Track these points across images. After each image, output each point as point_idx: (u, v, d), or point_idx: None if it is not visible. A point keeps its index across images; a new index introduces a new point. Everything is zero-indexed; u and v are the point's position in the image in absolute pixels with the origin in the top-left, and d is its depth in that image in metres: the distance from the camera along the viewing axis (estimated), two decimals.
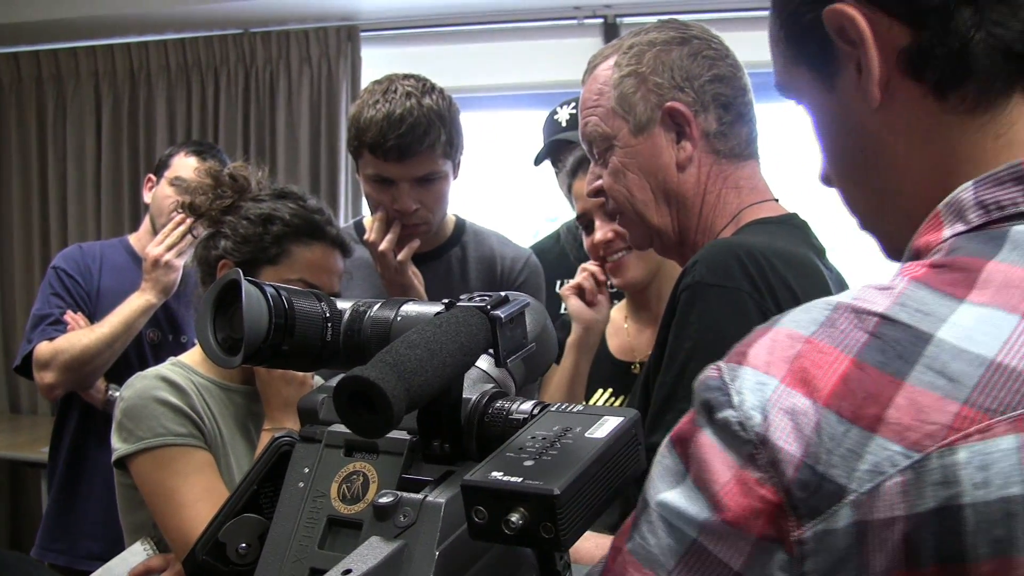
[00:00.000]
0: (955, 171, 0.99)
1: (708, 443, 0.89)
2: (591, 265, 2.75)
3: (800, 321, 0.91)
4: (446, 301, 1.06)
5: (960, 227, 0.95)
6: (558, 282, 3.29)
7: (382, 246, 2.68)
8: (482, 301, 1.02)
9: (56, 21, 5.47)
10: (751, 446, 0.86)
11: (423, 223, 2.76)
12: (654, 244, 2.03)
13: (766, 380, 0.88)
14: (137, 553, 2.22)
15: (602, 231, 2.67)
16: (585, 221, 2.74)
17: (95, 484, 3.47)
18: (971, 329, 0.85)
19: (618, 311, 2.88)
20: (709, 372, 0.93)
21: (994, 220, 0.93)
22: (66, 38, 5.77)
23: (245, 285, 1.11)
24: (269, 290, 1.14)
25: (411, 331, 0.95)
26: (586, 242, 2.78)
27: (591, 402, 2.72)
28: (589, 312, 2.75)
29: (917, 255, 0.98)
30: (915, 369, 0.84)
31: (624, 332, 2.79)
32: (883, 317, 0.88)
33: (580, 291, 2.75)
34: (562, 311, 3.09)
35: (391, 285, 2.71)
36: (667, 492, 0.91)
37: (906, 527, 0.81)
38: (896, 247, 1.08)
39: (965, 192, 0.96)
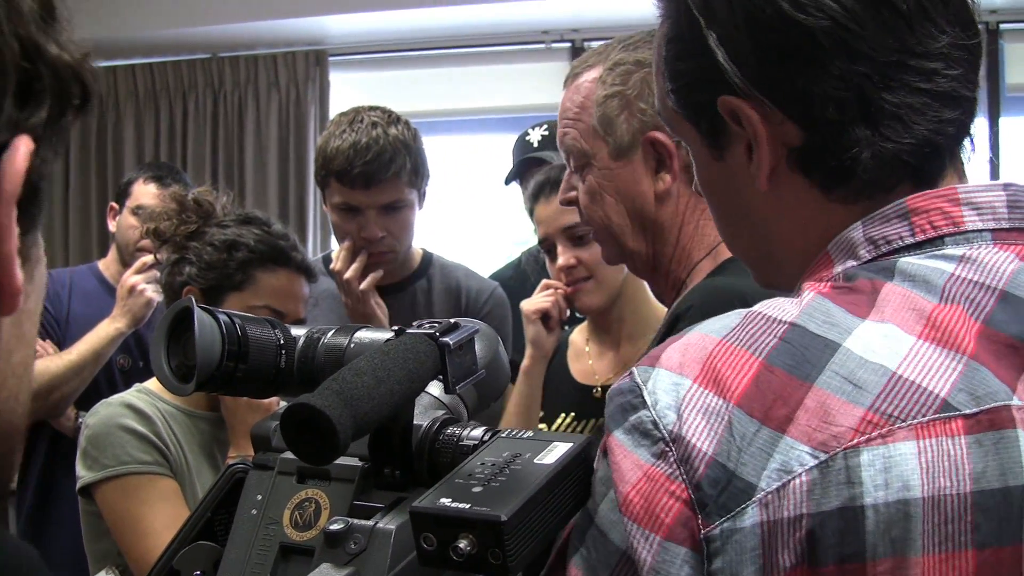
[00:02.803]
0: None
1: (618, 445, 0.94)
2: (555, 282, 2.75)
3: (713, 327, 0.98)
4: (396, 328, 1.07)
5: (851, 263, 1.01)
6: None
7: (347, 274, 2.71)
8: (431, 328, 1.03)
9: None
10: (663, 443, 0.91)
11: (389, 251, 2.79)
12: (627, 263, 2.00)
13: (680, 380, 0.93)
14: None
15: (564, 256, 2.66)
16: (548, 245, 2.74)
17: (65, 512, 3.43)
18: (874, 343, 0.91)
19: (579, 334, 2.86)
20: (622, 378, 0.97)
21: (882, 254, 1.01)
22: None
23: (198, 312, 1.11)
24: (222, 317, 1.14)
25: (359, 358, 0.95)
26: (550, 267, 2.78)
27: (553, 427, 2.71)
28: (548, 339, 2.76)
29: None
30: (824, 374, 0.90)
31: (585, 356, 2.78)
32: (792, 325, 0.94)
33: (544, 316, 2.75)
34: None
35: (354, 315, 2.74)
36: (602, 501, 0.94)
37: (810, 524, 0.86)
38: (767, 282, 1.18)
39: (855, 231, 1.02)
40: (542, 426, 2.75)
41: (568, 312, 2.78)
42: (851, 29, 0.98)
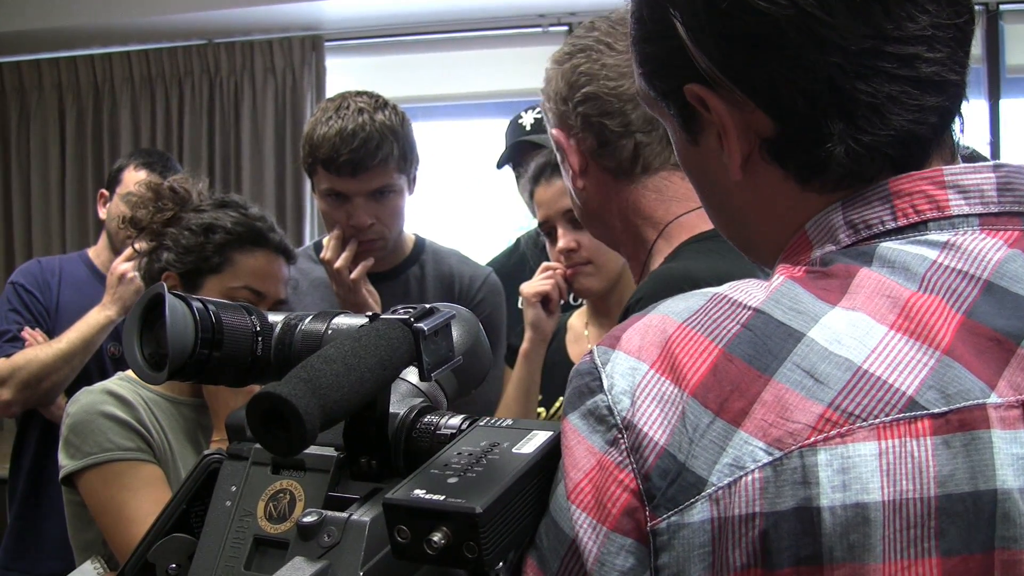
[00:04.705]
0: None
1: (572, 430, 0.91)
2: (554, 264, 2.74)
3: (675, 308, 0.93)
4: (370, 314, 1.04)
5: (830, 247, 0.96)
6: (518, 298, 3.27)
7: (337, 264, 2.70)
8: (405, 313, 1.00)
9: (18, 33, 5.43)
10: (616, 430, 0.87)
11: (379, 238, 2.77)
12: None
13: (637, 365, 0.89)
14: (87, 573, 2.18)
15: (565, 239, 2.65)
16: (548, 228, 2.73)
17: (56, 501, 3.37)
18: (841, 333, 0.86)
19: (578, 318, 2.86)
20: (584, 357, 0.94)
21: (862, 239, 0.95)
22: (29, 50, 5.73)
23: (169, 299, 1.08)
24: (195, 304, 1.11)
25: (329, 345, 0.92)
26: (549, 250, 2.77)
27: (552, 410, 2.70)
28: (548, 322, 2.74)
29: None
30: (784, 366, 0.85)
31: (585, 340, 2.77)
32: (757, 311, 0.89)
33: (543, 299, 2.73)
34: None
35: (346, 304, 2.72)
36: (557, 488, 0.91)
37: (764, 525, 0.82)
38: (756, 262, 1.13)
39: (834, 214, 0.97)
40: (540, 410, 2.76)
41: (568, 294, 2.76)
42: (818, 17, 0.91)
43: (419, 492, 0.89)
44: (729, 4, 0.93)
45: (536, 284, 2.76)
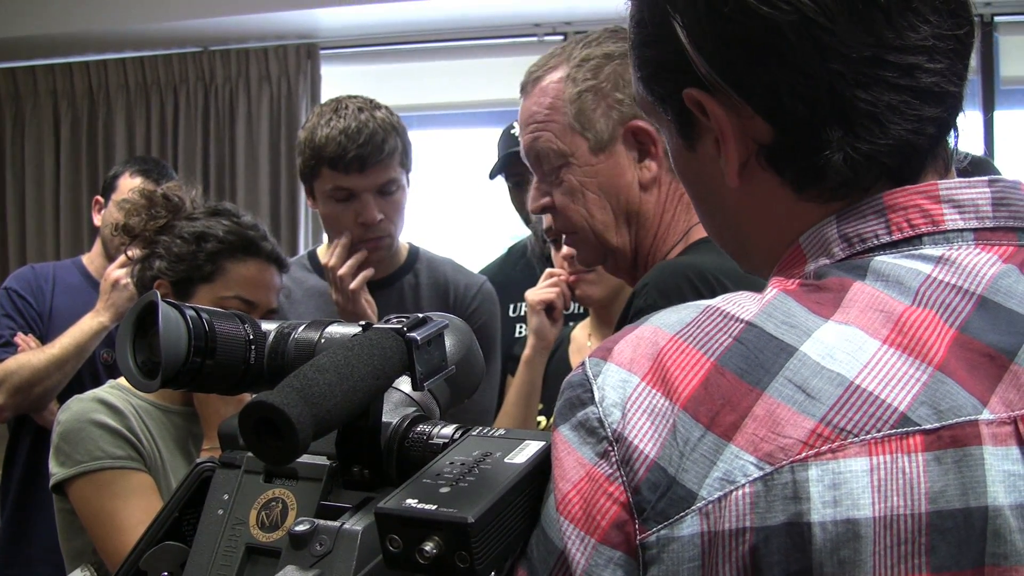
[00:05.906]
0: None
1: (563, 441, 0.90)
2: (558, 270, 2.75)
3: (667, 320, 0.92)
4: (363, 323, 1.04)
5: (824, 261, 0.96)
6: (510, 305, 3.27)
7: (341, 270, 2.69)
8: (398, 323, 1.00)
9: (13, 39, 5.42)
10: (606, 443, 0.87)
11: (387, 235, 2.77)
12: (607, 263, 1.98)
13: (628, 378, 0.89)
14: None
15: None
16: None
17: (48, 508, 3.38)
18: (833, 347, 0.86)
19: (581, 329, 2.87)
20: (576, 368, 0.94)
21: (857, 252, 0.95)
22: (24, 56, 5.72)
23: (163, 307, 1.08)
24: (189, 312, 1.11)
25: (321, 354, 0.93)
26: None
27: (552, 420, 2.70)
28: (551, 330, 2.75)
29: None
30: (776, 380, 0.84)
31: (587, 351, 2.77)
32: (749, 324, 0.89)
33: (548, 307, 2.74)
34: (517, 334, 3.07)
35: (344, 313, 2.71)
36: (548, 498, 0.91)
37: (754, 539, 0.81)
38: (748, 270, 1.13)
39: (828, 227, 0.97)
40: (541, 419, 2.78)
41: (571, 302, 2.78)
42: (820, 23, 0.91)
43: (411, 501, 0.89)
44: (731, 8, 0.94)
45: (540, 292, 2.78)
